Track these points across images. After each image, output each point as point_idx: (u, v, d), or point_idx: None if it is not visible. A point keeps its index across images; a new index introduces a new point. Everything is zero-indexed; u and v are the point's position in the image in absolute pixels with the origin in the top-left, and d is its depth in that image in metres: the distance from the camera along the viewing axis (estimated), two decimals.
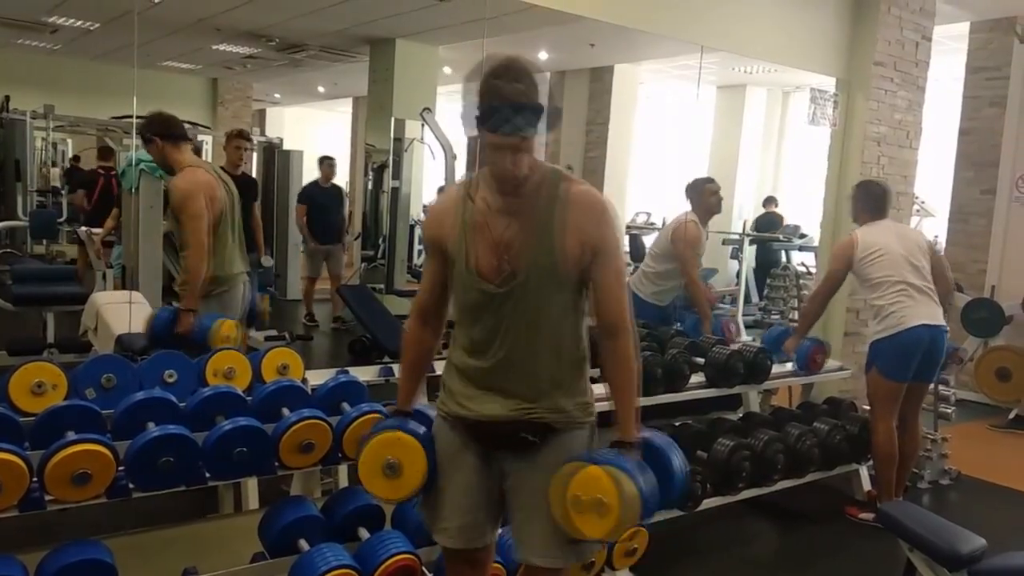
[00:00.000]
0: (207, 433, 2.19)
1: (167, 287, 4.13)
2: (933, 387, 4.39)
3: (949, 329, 3.77)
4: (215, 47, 8.80)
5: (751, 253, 8.64)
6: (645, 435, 1.86)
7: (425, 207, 9.82)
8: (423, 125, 7.43)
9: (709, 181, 4.54)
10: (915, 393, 3.82)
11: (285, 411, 2.37)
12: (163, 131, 3.29)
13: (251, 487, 2.90)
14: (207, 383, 2.60)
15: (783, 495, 3.72)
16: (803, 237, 9.18)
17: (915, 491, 4.24)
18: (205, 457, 2.16)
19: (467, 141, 6.76)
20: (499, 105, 1.62)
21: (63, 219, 8.10)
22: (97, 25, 7.82)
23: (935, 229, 7.29)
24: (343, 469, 2.92)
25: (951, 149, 6.85)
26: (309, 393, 2.57)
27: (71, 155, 10.31)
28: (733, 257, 9.65)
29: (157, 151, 3.31)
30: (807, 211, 8.69)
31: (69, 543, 2.03)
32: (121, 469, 2.04)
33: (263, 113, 14.77)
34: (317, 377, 2.84)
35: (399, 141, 7.76)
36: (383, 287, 7.53)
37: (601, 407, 1.87)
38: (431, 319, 1.94)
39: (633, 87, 9.56)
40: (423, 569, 2.25)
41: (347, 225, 7.64)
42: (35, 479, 1.93)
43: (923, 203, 6.72)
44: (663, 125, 11.05)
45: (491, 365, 1.79)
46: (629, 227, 9.65)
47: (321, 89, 12.41)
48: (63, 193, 8.65)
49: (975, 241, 6.55)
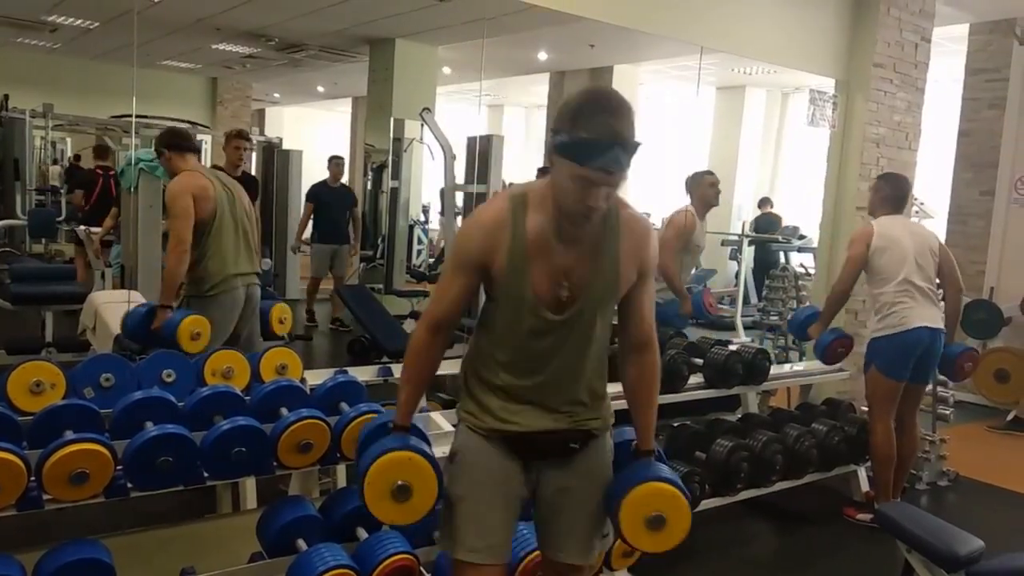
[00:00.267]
0: (205, 433, 2.19)
1: None
2: (931, 388, 4.40)
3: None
4: (215, 47, 8.79)
5: (750, 254, 8.64)
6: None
7: (425, 208, 9.81)
8: (422, 125, 7.42)
9: (709, 173, 4.50)
10: (912, 394, 3.82)
11: (283, 411, 2.37)
12: (169, 142, 3.49)
13: (249, 487, 2.91)
14: (205, 383, 2.61)
15: (781, 496, 3.73)
16: (802, 238, 9.18)
17: (913, 492, 4.24)
18: (203, 457, 2.16)
19: (466, 141, 6.75)
20: (610, 143, 1.57)
21: (62, 218, 8.09)
22: (97, 24, 7.81)
23: (934, 230, 7.27)
24: (341, 469, 2.93)
25: (950, 150, 6.86)
26: (308, 393, 2.57)
27: (71, 154, 10.29)
28: (732, 258, 9.66)
29: (165, 162, 3.51)
30: (806, 212, 8.70)
31: (67, 542, 2.03)
32: (119, 469, 2.04)
33: (262, 113, 14.74)
34: (316, 377, 2.85)
35: (398, 141, 7.76)
36: (382, 287, 7.53)
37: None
38: (444, 332, 1.83)
39: (633, 88, 9.54)
40: (421, 569, 2.25)
41: (358, 227, 7.57)
42: (33, 478, 1.92)
43: (922, 204, 6.71)
44: (662, 126, 11.05)
45: (536, 383, 1.78)
46: None
47: (321, 89, 12.40)
48: (62, 192, 8.63)
49: (974, 242, 6.55)
